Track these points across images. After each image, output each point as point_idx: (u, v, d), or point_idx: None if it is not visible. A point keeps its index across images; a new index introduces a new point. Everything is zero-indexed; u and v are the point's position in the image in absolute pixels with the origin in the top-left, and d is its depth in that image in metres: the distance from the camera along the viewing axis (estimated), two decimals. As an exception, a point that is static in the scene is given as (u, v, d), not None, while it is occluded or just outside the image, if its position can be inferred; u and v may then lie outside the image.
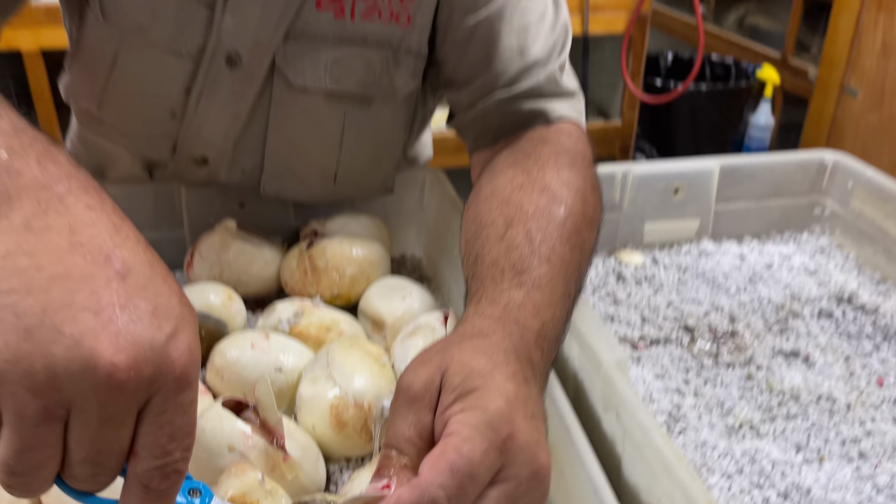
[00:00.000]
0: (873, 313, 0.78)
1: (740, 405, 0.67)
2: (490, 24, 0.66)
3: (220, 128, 0.72)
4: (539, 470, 0.38)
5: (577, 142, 0.64)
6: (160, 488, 0.33)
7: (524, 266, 0.49)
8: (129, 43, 0.68)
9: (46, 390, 0.29)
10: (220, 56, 0.68)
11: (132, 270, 0.32)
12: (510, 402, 0.39)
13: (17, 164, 0.33)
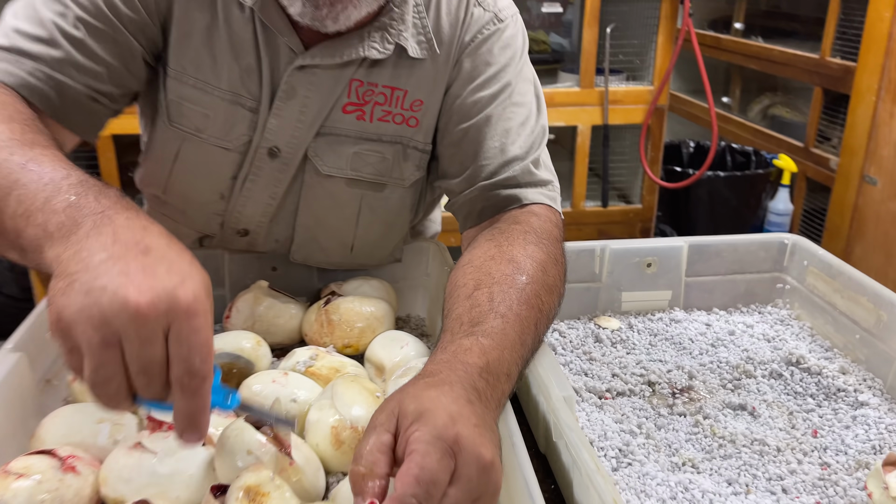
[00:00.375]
0: (818, 375, 0.90)
1: (686, 447, 0.78)
2: (479, 128, 0.84)
3: (260, 206, 0.90)
4: (484, 464, 0.51)
5: (544, 222, 0.79)
6: (191, 386, 0.51)
7: (480, 320, 0.64)
8: (189, 141, 0.87)
9: (101, 326, 0.49)
10: (264, 149, 0.86)
11: (153, 249, 0.53)
12: (453, 417, 0.52)
13: (82, 201, 0.56)
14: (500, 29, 0.87)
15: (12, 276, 2.28)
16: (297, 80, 0.84)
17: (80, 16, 0.76)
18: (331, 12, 0.75)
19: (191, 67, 0.84)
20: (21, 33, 0.74)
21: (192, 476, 0.64)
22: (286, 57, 0.83)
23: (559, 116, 2.16)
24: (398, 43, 0.84)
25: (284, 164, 0.87)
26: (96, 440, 0.68)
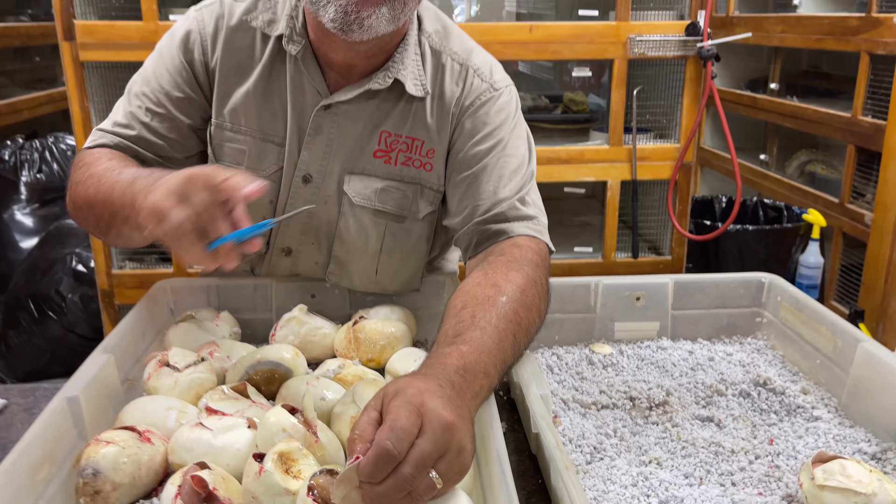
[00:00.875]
0: (782, 394, 1.04)
1: (654, 449, 0.93)
2: (476, 175, 1.04)
3: (299, 226, 1.13)
4: (445, 423, 0.67)
5: (525, 252, 0.97)
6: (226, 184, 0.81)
7: (461, 332, 0.82)
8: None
9: (177, 194, 0.80)
10: (299, 177, 1.11)
11: (168, 179, 0.82)
12: (421, 390, 0.69)
13: (154, 173, 0.89)
14: (494, 96, 1.08)
15: (84, 317, 2.54)
16: (323, 119, 1.08)
17: (147, 107, 1.09)
18: (357, 19, 0.95)
19: (228, 117, 1.11)
20: (114, 122, 1.10)
21: (238, 449, 0.82)
22: (312, 99, 1.08)
23: (590, 172, 2.34)
24: (396, 78, 1.07)
25: (317, 188, 1.11)
26: (165, 423, 0.88)
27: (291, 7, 1.07)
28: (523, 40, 2.21)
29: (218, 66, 1.10)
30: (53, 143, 2.94)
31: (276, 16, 1.08)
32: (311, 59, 1.07)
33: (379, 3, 0.95)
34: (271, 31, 1.08)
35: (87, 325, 2.53)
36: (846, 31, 2.61)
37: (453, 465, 0.67)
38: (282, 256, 1.16)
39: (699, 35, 2.21)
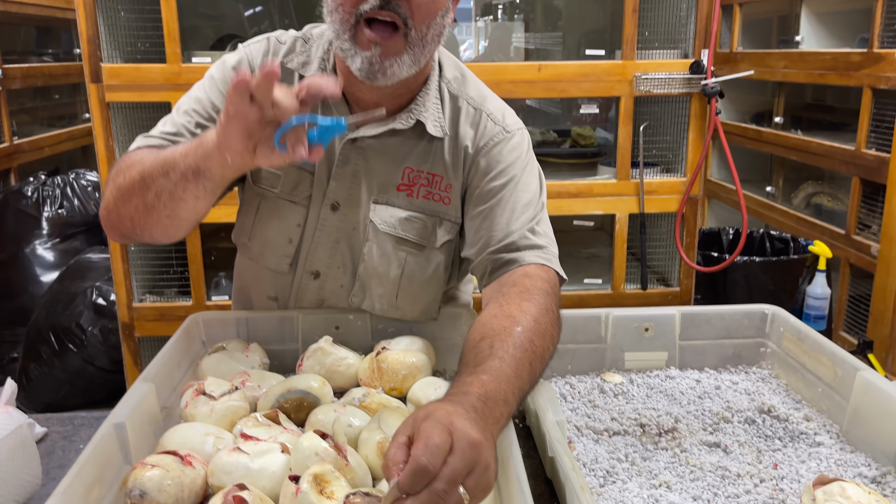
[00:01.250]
0: (785, 421, 1.10)
1: (664, 473, 0.99)
2: (491, 209, 1.12)
3: (327, 251, 1.22)
4: (473, 441, 0.73)
5: (536, 280, 1.04)
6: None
7: (481, 362, 0.88)
8: (266, 196, 1.22)
9: (236, 100, 0.87)
10: (328, 204, 1.20)
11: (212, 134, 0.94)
12: (450, 412, 0.76)
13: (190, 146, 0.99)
14: (506, 138, 1.17)
15: (104, 350, 2.61)
16: (350, 152, 1.18)
17: (198, 121, 1.17)
18: (381, 68, 1.06)
19: None
20: (162, 132, 1.17)
21: (274, 472, 0.89)
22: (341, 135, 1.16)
23: (598, 205, 2.42)
24: (418, 119, 1.16)
25: (343, 215, 1.21)
26: (203, 448, 0.94)
27: (324, 51, 1.19)
28: (532, 79, 2.30)
29: None
30: (74, 180, 3.04)
31: (309, 58, 1.20)
32: (340, 98, 1.16)
33: (400, 52, 1.05)
34: (305, 72, 1.19)
35: (107, 357, 2.60)
36: (848, 66, 2.69)
37: (480, 482, 0.73)
38: (310, 279, 1.23)
39: (703, 73, 2.30)
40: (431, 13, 1.05)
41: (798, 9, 3.11)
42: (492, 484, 0.75)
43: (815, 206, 3.19)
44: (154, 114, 2.28)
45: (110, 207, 1.10)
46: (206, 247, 2.35)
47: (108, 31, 2.18)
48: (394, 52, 1.05)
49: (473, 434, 0.74)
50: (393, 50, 1.05)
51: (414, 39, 1.05)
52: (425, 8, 1.04)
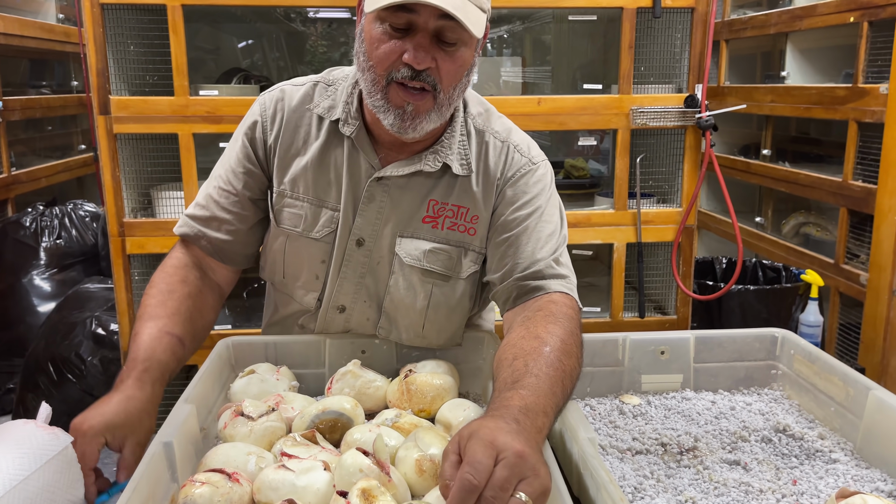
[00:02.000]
0: (801, 440, 1.15)
1: (688, 489, 1.03)
2: (517, 237, 1.17)
3: (353, 285, 1.25)
4: (517, 451, 0.78)
5: (561, 307, 1.09)
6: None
7: (518, 379, 0.93)
8: (290, 236, 1.26)
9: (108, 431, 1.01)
10: (353, 240, 1.23)
11: (133, 396, 1.06)
12: (492, 429, 0.81)
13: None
14: (532, 169, 1.22)
15: (104, 380, 2.62)
16: (375, 189, 1.22)
17: (220, 186, 1.27)
18: (412, 124, 1.12)
19: (287, 186, 1.26)
20: (196, 204, 1.27)
21: (318, 489, 0.92)
22: (367, 172, 1.22)
23: (597, 235, 2.48)
24: (445, 162, 1.21)
25: (368, 250, 1.25)
26: (246, 466, 0.97)
27: (347, 94, 1.24)
28: (532, 112, 2.38)
29: (279, 142, 1.26)
30: (72, 210, 3.06)
31: (335, 102, 1.25)
32: (364, 137, 1.22)
33: (429, 109, 1.12)
34: (330, 116, 1.24)
35: (106, 387, 2.59)
36: (834, 100, 2.80)
37: (534, 486, 0.77)
38: (336, 313, 1.27)
39: (697, 107, 2.38)
40: (458, 77, 1.13)
41: (783, 45, 3.22)
42: (547, 486, 0.79)
43: (804, 236, 3.28)
44: (161, 144, 2.33)
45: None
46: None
47: (117, 65, 2.23)
48: (423, 111, 1.12)
49: (517, 445, 0.79)
50: (423, 108, 1.12)
51: (442, 100, 1.12)
52: (453, 74, 1.11)
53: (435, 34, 1.07)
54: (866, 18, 2.64)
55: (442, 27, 1.07)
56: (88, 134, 3.89)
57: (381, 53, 1.09)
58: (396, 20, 1.07)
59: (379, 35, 1.09)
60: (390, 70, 1.09)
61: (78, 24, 3.62)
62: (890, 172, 2.51)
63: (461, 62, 1.11)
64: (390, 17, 1.07)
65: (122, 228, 2.27)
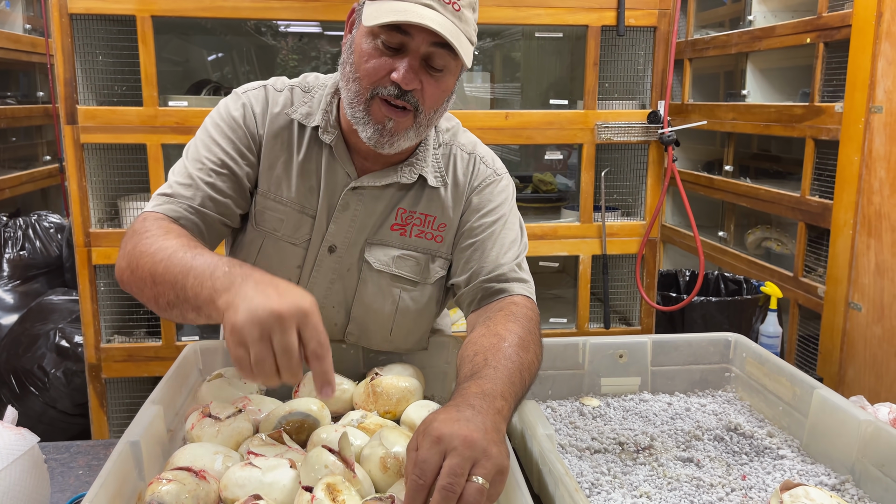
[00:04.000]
0: (751, 438, 1.20)
1: (643, 485, 1.08)
2: (482, 243, 1.22)
3: (322, 290, 1.28)
4: (463, 438, 0.82)
5: (521, 308, 1.14)
6: (321, 354, 0.89)
7: (477, 371, 0.98)
8: (268, 238, 1.28)
9: (259, 326, 0.86)
10: (325, 247, 1.26)
11: (280, 284, 0.92)
12: (441, 421, 0.85)
13: (234, 269, 0.96)
14: (497, 180, 1.28)
15: (67, 392, 2.61)
16: (351, 198, 1.25)
17: (211, 168, 1.22)
18: (389, 140, 1.16)
19: (273, 188, 1.27)
20: (177, 183, 1.20)
21: (285, 485, 0.95)
22: (343, 181, 1.25)
23: (563, 247, 2.54)
24: (420, 174, 1.26)
25: (340, 257, 1.28)
26: (213, 465, 1.00)
27: (327, 103, 1.26)
28: (499, 126, 2.43)
29: (264, 143, 1.26)
30: (36, 221, 3.05)
31: (312, 109, 1.27)
32: (342, 147, 1.25)
33: (408, 127, 1.16)
34: (308, 123, 1.26)
35: (69, 400, 2.59)
36: (792, 118, 2.90)
37: (487, 467, 0.82)
38: None
39: (660, 122, 2.46)
40: (440, 101, 1.18)
41: (744, 65, 3.33)
42: (502, 465, 0.84)
43: (766, 250, 3.37)
44: (128, 155, 2.34)
45: (126, 272, 1.10)
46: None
47: (85, 75, 2.24)
48: (402, 128, 1.16)
49: (464, 431, 0.83)
50: (402, 126, 1.16)
51: (422, 120, 1.17)
52: (437, 98, 1.16)
53: (424, 58, 1.12)
54: (822, 39, 2.75)
55: (432, 53, 1.11)
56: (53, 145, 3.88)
57: (370, 68, 1.12)
58: (390, 39, 1.10)
59: (370, 50, 1.12)
60: (376, 85, 1.13)
61: (45, 35, 3.62)
62: (845, 188, 2.61)
63: (444, 87, 1.16)
64: (384, 34, 1.10)
65: (89, 239, 2.28)
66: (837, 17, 2.65)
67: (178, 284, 0.98)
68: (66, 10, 2.14)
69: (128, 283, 1.11)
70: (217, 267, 0.96)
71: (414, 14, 1.07)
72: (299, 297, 0.89)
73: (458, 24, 1.11)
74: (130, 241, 1.11)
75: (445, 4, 1.10)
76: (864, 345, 2.67)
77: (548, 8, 2.38)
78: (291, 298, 0.88)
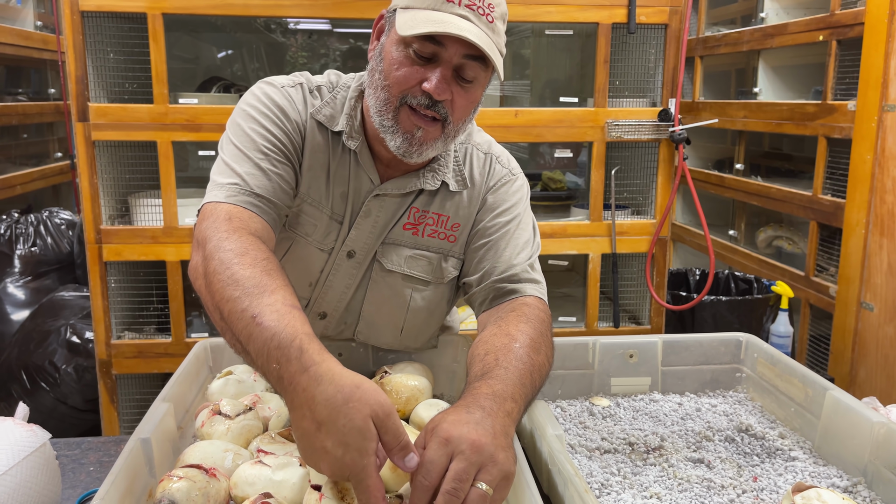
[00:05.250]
0: (762, 439, 1.19)
1: (654, 486, 1.08)
2: (496, 242, 1.22)
3: (337, 294, 1.27)
4: (471, 442, 0.82)
5: (533, 309, 1.14)
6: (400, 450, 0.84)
7: (488, 371, 0.98)
8: (298, 242, 1.26)
9: (337, 467, 0.81)
10: (344, 251, 1.26)
11: (364, 381, 0.84)
12: (450, 422, 0.85)
13: (304, 357, 0.85)
14: (512, 179, 1.28)
15: (78, 388, 2.62)
16: (373, 204, 1.24)
17: (276, 159, 1.17)
18: (418, 149, 1.15)
19: (312, 191, 1.24)
20: (250, 173, 1.13)
21: (294, 483, 0.95)
22: (366, 187, 1.24)
23: (572, 246, 2.53)
24: (443, 180, 1.25)
25: (358, 262, 1.27)
26: (223, 463, 1.00)
27: (350, 107, 1.23)
28: (509, 124, 2.43)
29: (306, 144, 1.23)
30: (48, 218, 3.07)
31: (335, 111, 1.24)
32: (366, 153, 1.23)
33: (436, 137, 1.15)
34: (331, 126, 1.23)
35: (80, 396, 2.60)
36: (804, 116, 2.88)
37: (493, 473, 0.82)
38: (317, 319, 1.30)
39: (671, 120, 2.45)
40: (469, 112, 1.17)
41: (755, 62, 3.32)
42: (508, 472, 0.83)
43: (776, 249, 3.36)
44: (139, 152, 2.35)
45: (196, 289, 1.03)
46: (186, 283, 2.40)
47: (96, 72, 2.25)
48: (431, 138, 1.15)
49: (472, 435, 0.83)
50: (431, 136, 1.14)
51: (450, 132, 1.16)
52: (465, 108, 1.15)
53: (455, 69, 1.11)
54: (835, 37, 2.73)
55: (464, 65, 1.11)
56: (65, 142, 3.90)
57: (401, 76, 1.11)
58: (423, 49, 1.09)
59: (401, 58, 1.11)
60: (406, 94, 1.12)
61: (56, 32, 3.63)
62: (857, 187, 2.59)
63: (473, 98, 1.16)
64: (417, 44, 1.09)
65: (100, 235, 2.29)
66: (850, 14, 2.64)
67: (241, 341, 0.91)
68: (77, 7, 2.15)
69: (198, 292, 1.03)
70: (303, 346, 0.86)
71: (452, 26, 1.06)
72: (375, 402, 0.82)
73: (492, 35, 1.11)
74: (210, 243, 1.02)
75: (480, 16, 1.09)
76: (876, 345, 2.65)
77: (558, 5, 2.37)
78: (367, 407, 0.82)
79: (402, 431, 0.82)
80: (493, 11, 1.11)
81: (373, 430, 0.80)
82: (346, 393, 0.81)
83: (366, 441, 0.80)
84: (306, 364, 0.84)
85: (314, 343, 0.87)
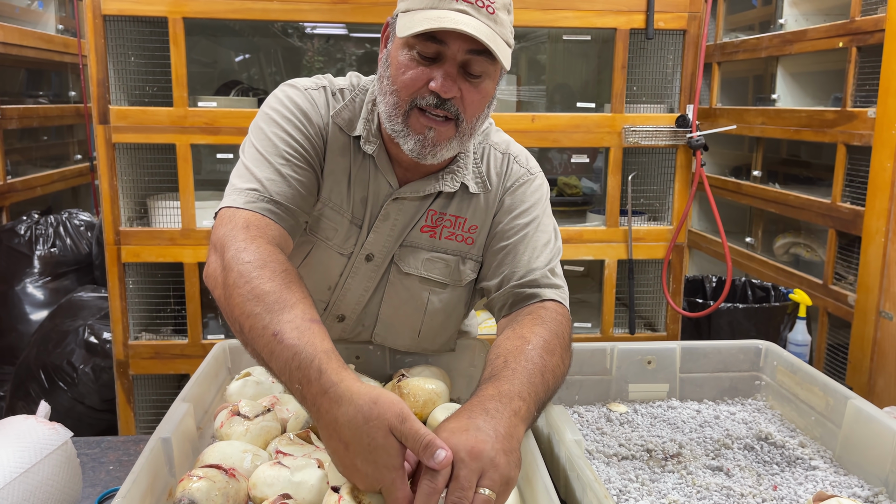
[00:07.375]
0: (782, 447, 1.19)
1: (672, 493, 1.07)
2: (514, 246, 1.21)
3: (355, 297, 1.28)
4: (470, 450, 0.82)
5: (551, 313, 1.13)
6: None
7: (496, 373, 0.98)
8: (318, 246, 1.26)
9: (364, 477, 0.84)
10: (363, 255, 1.25)
11: (380, 395, 0.84)
12: (449, 430, 0.85)
13: (323, 378, 0.86)
14: (530, 179, 1.27)
15: (95, 388, 2.64)
16: (392, 208, 1.24)
17: (298, 165, 1.16)
18: (432, 150, 1.14)
19: (333, 195, 1.24)
20: (267, 180, 1.13)
21: (313, 485, 0.95)
22: (385, 190, 1.24)
23: (588, 251, 2.53)
24: (463, 182, 1.24)
25: (376, 266, 1.27)
26: (242, 464, 1.01)
27: (367, 111, 1.24)
28: (526, 129, 2.43)
29: (328, 148, 1.23)
30: (67, 219, 3.09)
31: (353, 115, 1.24)
32: (384, 157, 1.23)
33: (450, 137, 1.14)
34: (350, 131, 1.23)
35: (98, 396, 2.62)
36: (823, 123, 2.86)
37: (493, 478, 0.82)
38: (335, 322, 1.31)
39: (688, 126, 2.44)
40: (481, 108, 1.16)
41: (774, 69, 3.30)
42: (509, 476, 0.84)
43: (794, 257, 3.33)
44: (158, 154, 2.37)
45: (215, 297, 1.03)
46: (203, 285, 2.41)
47: (117, 75, 2.27)
48: (444, 138, 1.14)
49: (470, 443, 0.84)
50: (444, 136, 1.14)
51: (464, 129, 1.15)
52: (477, 104, 1.14)
53: (462, 65, 1.11)
54: (855, 44, 2.71)
55: (469, 60, 1.10)
56: (84, 144, 3.93)
57: (407, 79, 1.11)
58: (426, 49, 1.09)
59: (406, 61, 1.11)
60: (415, 96, 1.12)
61: (77, 35, 3.67)
62: (877, 195, 2.57)
63: (484, 93, 1.14)
64: (420, 45, 1.09)
65: (118, 237, 2.30)
66: (871, 21, 2.62)
67: (264, 357, 0.93)
68: (99, 11, 2.17)
69: (216, 301, 1.03)
70: (322, 366, 0.87)
71: (448, 20, 1.05)
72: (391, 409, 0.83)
73: (494, 27, 1.09)
74: (229, 252, 1.01)
75: (479, 8, 1.08)
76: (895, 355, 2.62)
77: (576, 11, 2.37)
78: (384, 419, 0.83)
79: (421, 432, 0.83)
80: (494, 2, 1.10)
81: (395, 444, 0.83)
82: (366, 412, 0.83)
83: (391, 457, 0.83)
84: (325, 386, 0.86)
85: (332, 361, 0.88)
